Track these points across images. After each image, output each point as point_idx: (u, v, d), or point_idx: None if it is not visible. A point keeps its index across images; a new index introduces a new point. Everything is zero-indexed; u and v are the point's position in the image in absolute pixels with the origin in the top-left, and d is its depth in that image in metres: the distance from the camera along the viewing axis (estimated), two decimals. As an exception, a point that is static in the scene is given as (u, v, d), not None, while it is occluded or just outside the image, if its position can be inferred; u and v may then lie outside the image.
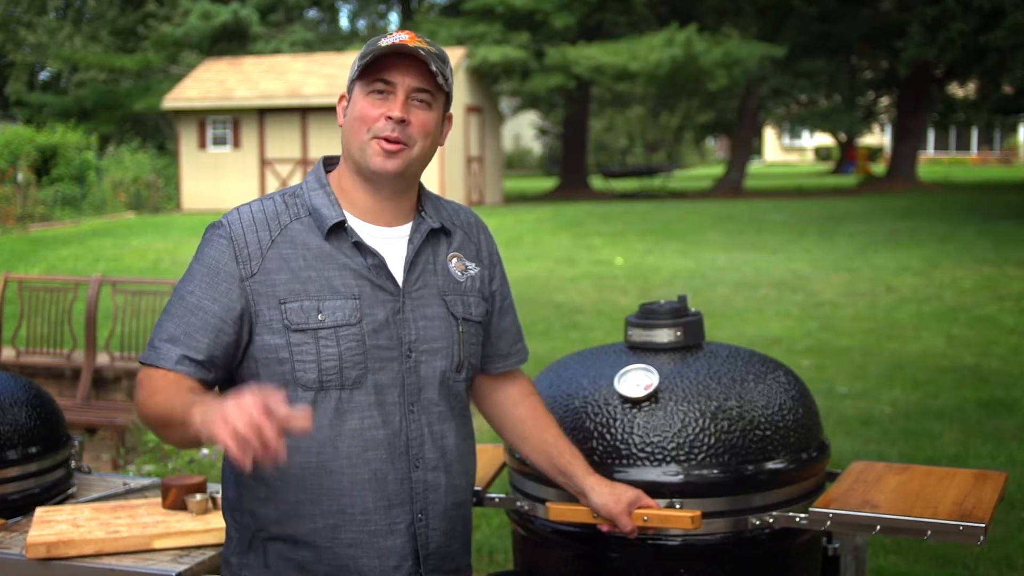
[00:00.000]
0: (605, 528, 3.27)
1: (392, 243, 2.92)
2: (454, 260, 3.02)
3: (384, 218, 2.93)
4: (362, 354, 2.82)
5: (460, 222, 3.10)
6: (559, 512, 3.38)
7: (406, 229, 2.95)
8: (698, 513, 3.26)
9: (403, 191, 2.93)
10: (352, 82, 2.88)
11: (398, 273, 2.90)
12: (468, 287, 3.02)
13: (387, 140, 2.81)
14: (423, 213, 2.99)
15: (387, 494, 2.86)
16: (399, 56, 2.81)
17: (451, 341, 2.96)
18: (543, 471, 3.30)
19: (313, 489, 2.82)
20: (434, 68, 2.80)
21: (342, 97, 2.94)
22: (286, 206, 2.90)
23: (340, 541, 2.84)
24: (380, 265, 2.87)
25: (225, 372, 2.85)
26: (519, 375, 3.30)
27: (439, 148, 2.98)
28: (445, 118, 2.96)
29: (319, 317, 2.79)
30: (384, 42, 2.82)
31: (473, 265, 3.06)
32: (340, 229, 2.87)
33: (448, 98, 2.94)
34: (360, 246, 2.86)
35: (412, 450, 2.88)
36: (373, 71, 2.82)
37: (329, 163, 3.02)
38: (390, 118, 2.80)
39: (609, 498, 3.20)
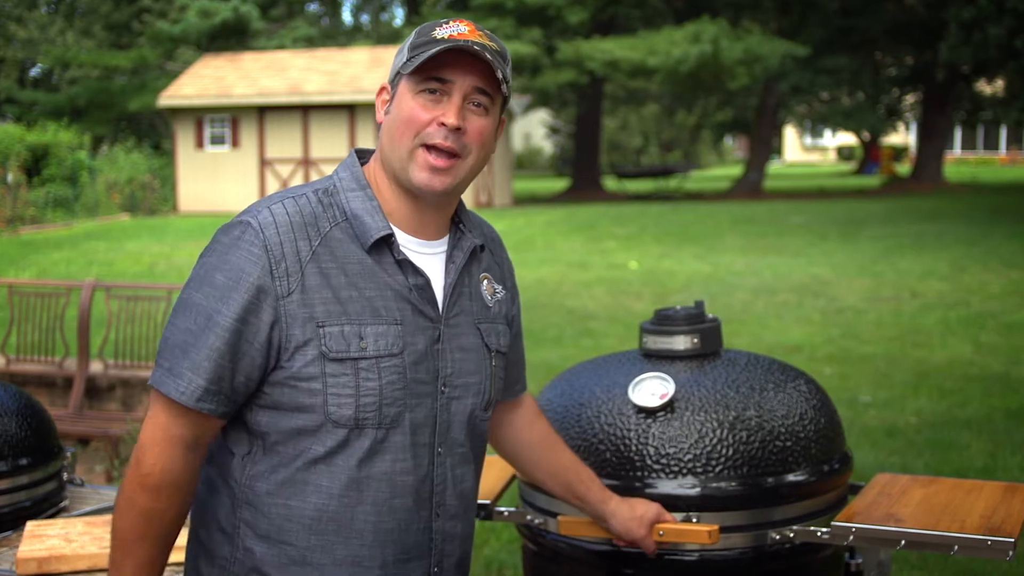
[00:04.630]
0: (621, 543, 3.27)
1: (430, 260, 2.67)
2: (484, 282, 2.80)
3: (422, 230, 2.66)
4: (403, 389, 2.56)
5: (485, 237, 2.85)
6: (571, 526, 3.38)
7: (443, 244, 2.70)
8: (716, 527, 3.25)
9: (446, 204, 2.68)
10: (398, 74, 2.60)
11: (438, 297, 2.65)
12: (496, 313, 2.81)
13: (438, 150, 2.54)
14: (461, 226, 2.75)
15: (407, 546, 2.64)
16: (458, 52, 2.52)
17: (484, 376, 2.74)
18: (557, 496, 3.26)
19: (328, 535, 2.56)
20: (499, 74, 2.54)
21: (383, 89, 2.66)
22: (323, 207, 2.58)
23: None
24: (424, 287, 2.61)
25: (244, 400, 2.57)
26: (524, 397, 3.17)
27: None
28: (499, 122, 2.69)
29: (360, 344, 2.52)
30: (441, 32, 2.54)
31: (500, 288, 2.84)
32: (383, 243, 2.58)
33: (505, 101, 2.66)
34: (404, 264, 2.59)
35: (436, 497, 2.67)
36: (427, 66, 2.53)
37: (361, 156, 2.73)
38: (443, 124, 2.53)
39: (632, 522, 3.18)
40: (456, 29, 2.55)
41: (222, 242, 2.55)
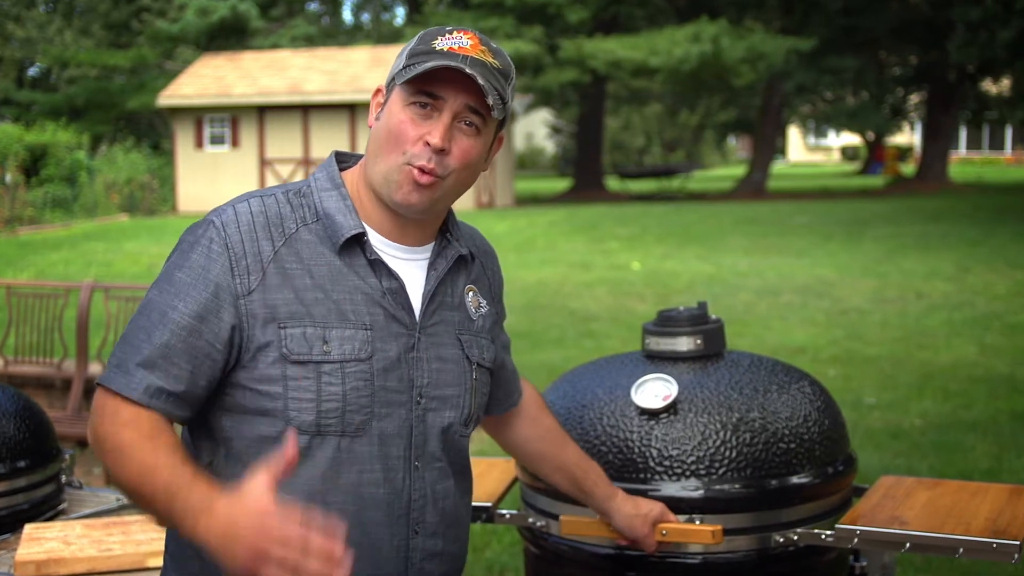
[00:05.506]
0: (622, 542, 3.28)
1: (409, 266, 2.60)
2: (470, 294, 2.73)
3: (403, 237, 2.60)
4: (369, 396, 2.48)
5: (476, 249, 2.80)
6: (573, 526, 3.38)
7: (426, 251, 2.64)
8: (719, 528, 3.26)
9: (427, 219, 2.62)
10: (393, 79, 2.53)
11: (415, 303, 2.58)
12: (480, 327, 2.72)
13: (420, 170, 2.47)
14: (448, 235, 2.68)
15: (379, 562, 2.54)
16: (453, 69, 2.44)
17: (464, 389, 2.65)
18: (563, 491, 3.25)
19: None
20: (490, 100, 2.46)
21: (378, 91, 2.59)
22: (291, 208, 2.53)
23: None
24: (398, 291, 2.54)
25: (201, 404, 2.49)
26: (523, 401, 3.13)
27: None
28: (495, 140, 2.62)
29: (324, 348, 2.45)
30: (441, 44, 2.48)
31: (485, 303, 2.77)
32: (355, 243, 2.52)
33: (503, 122, 2.61)
34: (377, 265, 2.53)
35: (413, 513, 2.58)
36: (420, 79, 2.46)
37: (342, 160, 2.67)
38: (428, 144, 2.46)
39: (636, 520, 3.19)
40: (458, 42, 2.49)
41: (186, 241, 2.53)
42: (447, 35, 2.50)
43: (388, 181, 2.50)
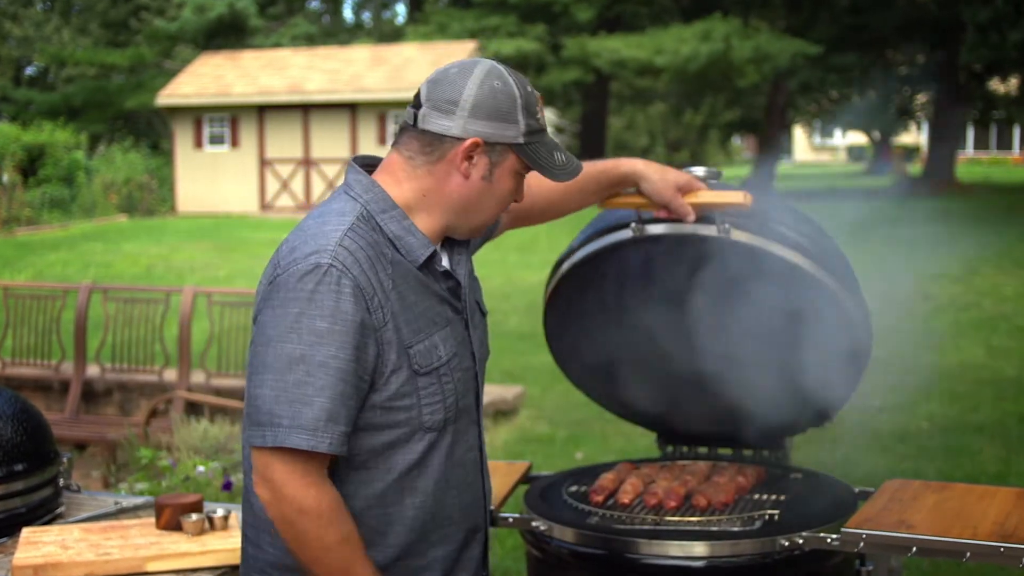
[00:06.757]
0: (660, 214, 3.56)
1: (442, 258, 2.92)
2: (463, 254, 3.02)
3: (437, 240, 2.89)
4: (465, 382, 2.87)
5: None
6: (613, 202, 3.64)
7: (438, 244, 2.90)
8: (747, 194, 3.52)
9: None
10: (506, 146, 2.78)
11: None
12: (470, 268, 3.05)
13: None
14: None
15: (479, 511, 2.97)
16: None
17: (487, 339, 3.08)
18: (600, 201, 3.64)
19: (425, 526, 2.83)
20: None
21: (476, 143, 2.75)
22: (376, 234, 2.74)
23: (445, 568, 2.89)
24: (455, 287, 2.89)
25: None
26: None
27: None
28: None
29: (437, 353, 2.78)
30: (542, 120, 2.85)
31: (462, 249, 3.00)
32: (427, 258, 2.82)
33: None
34: (444, 273, 2.86)
35: (484, 463, 3.01)
36: None
37: (365, 166, 2.90)
38: (516, 201, 2.93)
39: (660, 183, 3.48)
40: (543, 115, 2.85)
41: (306, 290, 2.63)
42: (539, 106, 2.83)
43: (481, 227, 2.90)
